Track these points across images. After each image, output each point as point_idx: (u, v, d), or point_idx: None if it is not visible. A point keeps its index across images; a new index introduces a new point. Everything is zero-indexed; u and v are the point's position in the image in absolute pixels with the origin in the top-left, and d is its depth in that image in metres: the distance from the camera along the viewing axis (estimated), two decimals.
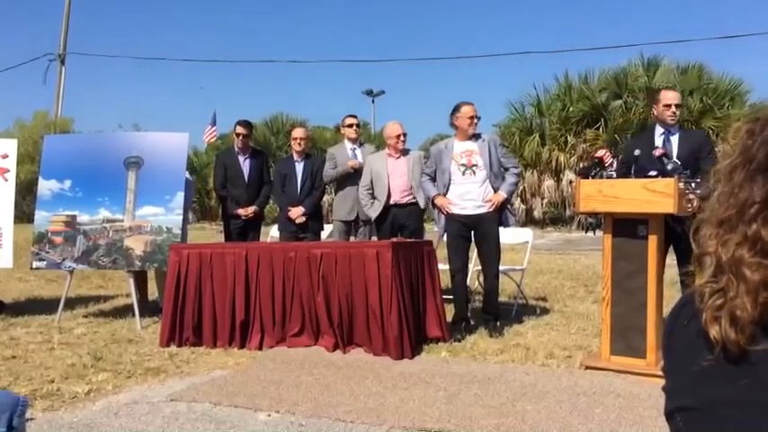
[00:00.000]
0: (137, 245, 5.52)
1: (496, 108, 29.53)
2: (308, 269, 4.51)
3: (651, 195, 3.57)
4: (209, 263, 4.72)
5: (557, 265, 9.30)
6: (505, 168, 5.00)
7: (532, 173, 18.08)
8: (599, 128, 17.35)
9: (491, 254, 4.91)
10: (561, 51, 37.05)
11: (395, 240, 4.76)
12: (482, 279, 5.12)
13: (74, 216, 5.64)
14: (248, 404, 3.30)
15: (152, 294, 6.27)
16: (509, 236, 5.72)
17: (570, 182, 16.71)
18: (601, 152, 4.15)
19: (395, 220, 5.47)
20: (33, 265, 5.76)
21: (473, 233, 4.94)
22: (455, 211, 4.89)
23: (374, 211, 5.46)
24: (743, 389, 0.72)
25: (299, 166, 6.02)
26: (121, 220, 5.58)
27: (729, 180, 0.78)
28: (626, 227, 3.79)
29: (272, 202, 6.88)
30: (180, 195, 5.60)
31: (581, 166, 14.16)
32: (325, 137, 21.44)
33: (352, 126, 6.10)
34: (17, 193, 6.05)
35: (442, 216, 4.98)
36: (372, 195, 5.51)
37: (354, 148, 6.03)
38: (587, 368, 3.85)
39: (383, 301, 4.26)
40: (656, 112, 4.55)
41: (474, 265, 5.56)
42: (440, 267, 4.93)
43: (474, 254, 5.31)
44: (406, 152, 5.57)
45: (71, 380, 3.75)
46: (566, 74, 18.62)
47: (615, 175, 3.93)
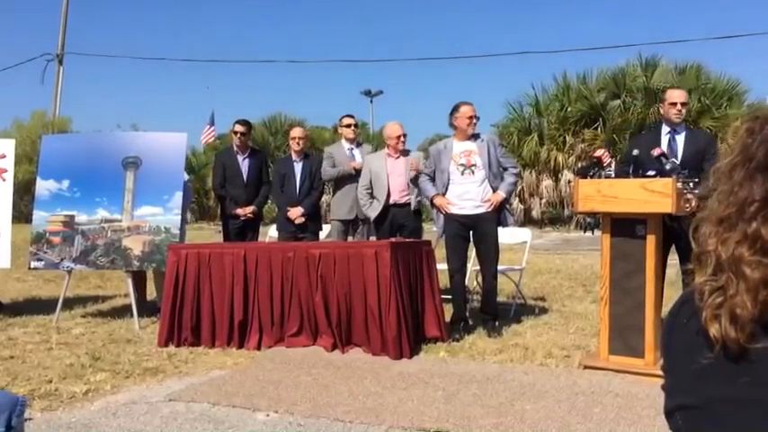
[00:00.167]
0: (135, 245, 5.51)
1: (495, 108, 29.51)
2: (306, 269, 4.51)
3: (649, 195, 3.57)
4: (207, 263, 4.72)
5: (555, 264, 9.30)
6: (504, 168, 5.00)
7: (531, 173, 18.07)
8: (597, 128, 17.35)
9: (490, 254, 4.91)
10: (560, 51, 37.09)
11: (393, 240, 4.76)
12: (480, 279, 5.12)
13: (72, 216, 5.64)
14: (247, 404, 3.30)
15: (150, 294, 6.26)
16: (507, 236, 5.72)
17: (569, 182, 16.70)
18: (599, 152, 4.14)
19: (394, 219, 5.46)
20: (31, 266, 5.75)
21: (472, 233, 4.94)
22: (454, 210, 4.89)
23: (373, 211, 5.45)
24: (743, 387, 0.72)
25: (297, 166, 6.01)
26: (120, 220, 5.58)
27: (729, 178, 0.78)
28: (624, 226, 3.80)
29: (270, 201, 6.87)
30: (178, 195, 5.59)
31: (579, 165, 14.13)
32: (324, 137, 21.38)
33: (350, 126, 6.08)
34: (15, 193, 6.02)
35: (441, 216, 4.98)
36: (371, 195, 5.50)
37: (352, 149, 6.02)
38: (586, 368, 3.86)
39: (382, 301, 4.26)
40: (662, 111, 4.58)
41: (472, 265, 5.56)
42: (438, 267, 4.94)
43: (472, 254, 5.31)
44: (405, 152, 5.57)
45: (69, 380, 3.74)
46: (564, 74, 18.62)
47: (613, 175, 3.93)
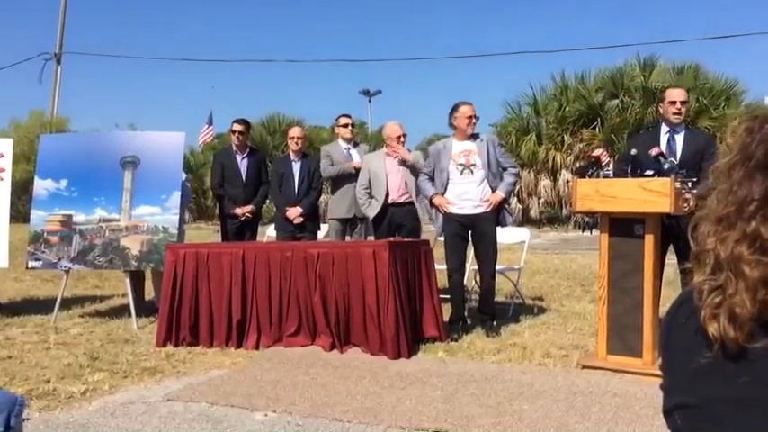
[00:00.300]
0: (133, 244, 5.50)
1: (493, 108, 29.57)
2: (304, 269, 4.51)
3: (648, 195, 3.57)
4: (205, 262, 4.71)
5: (553, 264, 9.31)
6: (504, 168, 5.01)
7: (529, 172, 18.07)
8: (595, 127, 17.37)
9: (488, 253, 4.91)
10: (558, 51, 37.23)
11: (392, 240, 4.75)
12: (479, 279, 5.12)
13: (70, 216, 5.63)
14: (245, 404, 3.29)
15: (148, 294, 6.25)
16: (506, 235, 5.72)
17: (567, 181, 16.71)
18: (597, 151, 4.14)
19: (392, 219, 5.45)
20: (29, 265, 5.74)
21: (470, 233, 4.94)
22: (453, 210, 4.89)
23: (372, 211, 5.44)
24: (741, 386, 0.72)
25: (296, 166, 6.00)
26: (118, 220, 5.57)
27: (728, 177, 0.78)
28: (622, 226, 3.80)
29: (269, 201, 6.86)
30: (176, 195, 5.58)
31: (578, 165, 14.13)
32: (322, 136, 21.35)
33: (346, 126, 6.07)
34: (13, 193, 6.02)
35: (440, 216, 4.98)
36: (370, 195, 5.50)
37: (348, 148, 6.01)
38: (584, 367, 3.86)
39: (380, 300, 4.25)
40: (660, 111, 4.57)
41: (471, 265, 5.56)
42: (437, 267, 4.94)
43: (471, 253, 5.31)
44: None
45: (67, 380, 3.74)
46: (562, 74, 18.64)
47: (612, 175, 3.94)
